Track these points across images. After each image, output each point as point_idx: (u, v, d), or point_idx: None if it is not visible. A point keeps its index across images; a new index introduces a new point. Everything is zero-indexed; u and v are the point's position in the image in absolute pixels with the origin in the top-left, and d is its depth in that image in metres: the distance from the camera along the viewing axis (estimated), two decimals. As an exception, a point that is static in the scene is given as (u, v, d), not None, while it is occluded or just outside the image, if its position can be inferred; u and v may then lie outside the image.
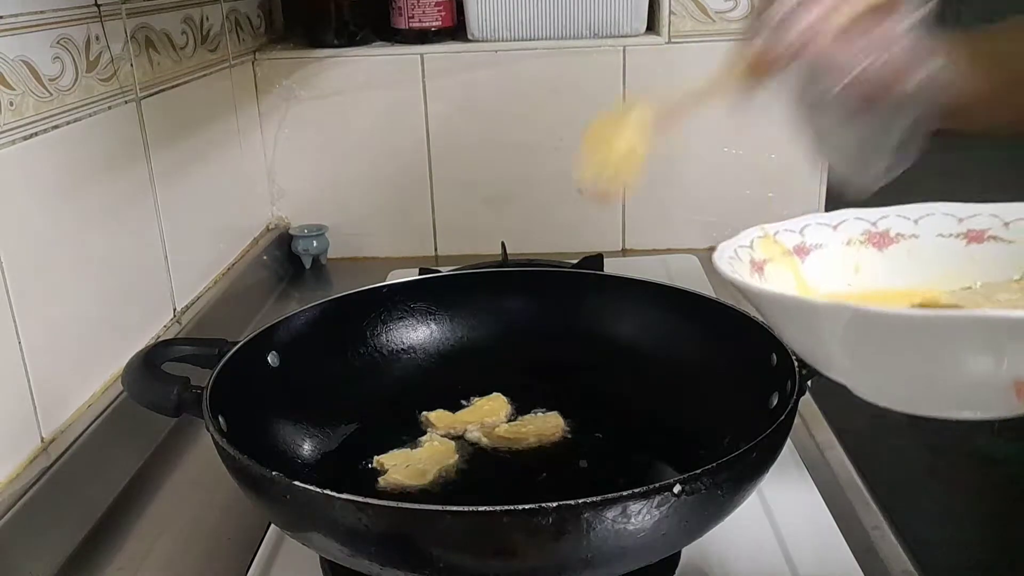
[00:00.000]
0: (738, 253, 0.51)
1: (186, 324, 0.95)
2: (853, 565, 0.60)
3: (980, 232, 0.52)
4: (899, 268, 0.54)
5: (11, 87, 0.68)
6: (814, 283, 0.53)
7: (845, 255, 0.54)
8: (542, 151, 1.24)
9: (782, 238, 0.54)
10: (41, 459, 0.69)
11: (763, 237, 0.53)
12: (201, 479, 0.78)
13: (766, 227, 0.54)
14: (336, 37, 1.23)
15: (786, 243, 0.54)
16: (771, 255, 0.52)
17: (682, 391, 0.70)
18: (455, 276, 0.84)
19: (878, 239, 0.55)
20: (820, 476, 0.71)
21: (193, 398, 0.59)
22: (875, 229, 0.55)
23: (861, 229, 0.55)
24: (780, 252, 0.53)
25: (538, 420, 0.71)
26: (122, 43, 0.85)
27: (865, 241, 0.55)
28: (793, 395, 0.56)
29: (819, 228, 0.55)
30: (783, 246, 0.53)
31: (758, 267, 0.51)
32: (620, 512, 0.46)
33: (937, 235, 0.54)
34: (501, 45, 1.21)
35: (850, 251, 0.55)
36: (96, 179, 0.80)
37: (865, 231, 0.55)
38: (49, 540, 0.67)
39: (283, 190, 1.28)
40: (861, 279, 0.54)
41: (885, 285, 0.54)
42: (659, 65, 1.20)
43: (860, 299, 0.52)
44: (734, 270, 0.48)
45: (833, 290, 0.53)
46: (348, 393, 0.72)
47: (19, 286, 0.67)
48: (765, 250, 0.52)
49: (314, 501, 0.49)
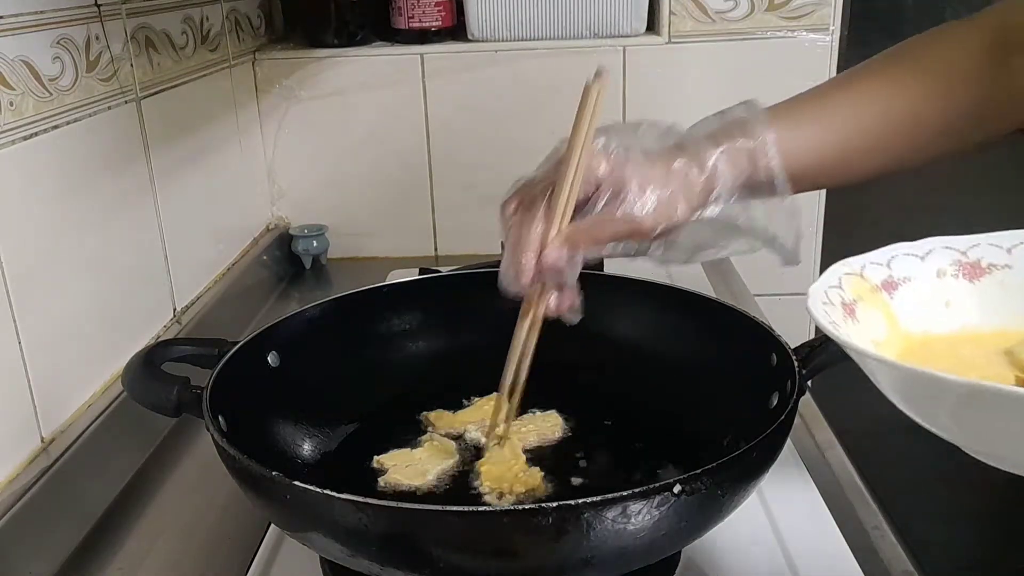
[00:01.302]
0: (829, 296, 0.49)
1: (186, 324, 0.95)
2: (853, 565, 0.60)
3: None
4: (992, 302, 0.51)
5: (11, 87, 0.68)
6: (905, 322, 0.51)
7: (935, 289, 0.52)
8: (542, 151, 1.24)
9: (869, 273, 0.52)
10: (41, 459, 0.69)
11: (850, 274, 0.51)
12: (201, 479, 0.78)
13: (851, 261, 0.52)
14: (336, 37, 1.23)
15: (873, 278, 0.52)
16: (860, 294, 0.50)
17: (682, 391, 0.70)
18: (455, 276, 0.84)
19: (969, 270, 0.52)
20: (820, 476, 0.71)
21: (193, 398, 0.59)
22: (966, 259, 0.52)
23: (951, 259, 0.52)
24: (868, 289, 0.51)
25: (538, 420, 0.71)
26: (122, 43, 0.85)
27: (956, 273, 0.52)
28: (793, 395, 0.56)
29: (906, 259, 0.52)
30: (870, 283, 0.51)
31: (849, 310, 0.49)
32: (620, 512, 0.46)
33: None
34: (501, 45, 1.21)
35: (940, 284, 0.52)
36: (96, 179, 0.80)
37: (955, 261, 0.52)
38: (49, 540, 0.67)
39: (283, 190, 1.28)
40: (953, 315, 0.51)
41: (978, 322, 0.51)
42: (659, 65, 1.20)
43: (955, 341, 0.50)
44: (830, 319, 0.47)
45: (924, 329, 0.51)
46: (348, 393, 0.72)
47: (19, 286, 0.67)
48: (854, 290, 0.51)
49: (314, 501, 0.49)
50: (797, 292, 1.30)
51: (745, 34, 1.19)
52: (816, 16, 1.19)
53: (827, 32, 1.19)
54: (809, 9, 1.18)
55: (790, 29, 1.19)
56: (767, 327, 0.65)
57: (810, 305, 0.47)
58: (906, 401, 0.43)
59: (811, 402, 0.84)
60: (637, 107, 1.21)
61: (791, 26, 1.19)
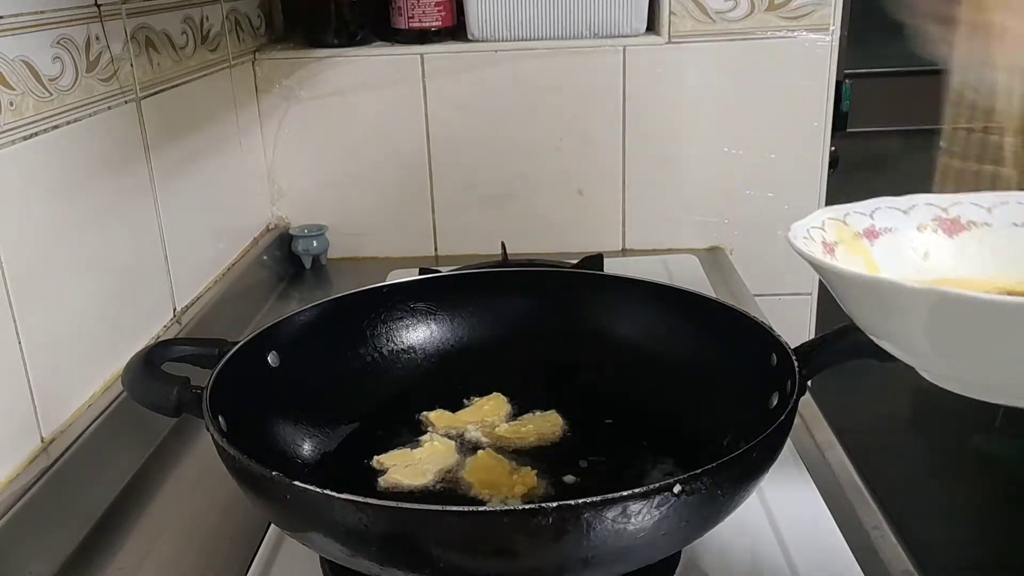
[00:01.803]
0: (811, 233, 0.51)
1: (186, 324, 0.95)
2: (853, 565, 0.60)
3: None
4: (969, 256, 0.53)
5: (11, 87, 0.68)
6: (883, 267, 0.53)
7: (915, 240, 0.54)
8: (542, 151, 1.24)
9: (852, 220, 0.53)
10: (41, 459, 0.69)
11: (834, 219, 0.53)
12: (201, 479, 0.78)
13: (835, 208, 0.54)
14: (336, 37, 1.23)
15: (856, 226, 0.53)
16: (842, 238, 0.52)
17: (682, 391, 0.70)
18: (455, 276, 0.84)
19: (949, 226, 0.54)
20: (820, 476, 0.71)
21: (193, 398, 0.59)
22: (946, 216, 0.54)
23: (932, 215, 0.54)
24: (850, 235, 0.53)
25: (538, 420, 0.71)
26: (122, 43, 0.85)
27: (936, 227, 0.54)
28: (793, 395, 0.56)
29: (889, 212, 0.54)
30: (853, 229, 0.53)
31: (829, 248, 0.51)
32: (620, 512, 0.46)
33: (1011, 224, 0.53)
34: (501, 45, 1.21)
35: (920, 237, 0.54)
36: (96, 179, 0.80)
37: (936, 217, 0.54)
38: (49, 540, 0.67)
39: (283, 190, 1.28)
40: (930, 266, 0.53)
41: (954, 273, 0.53)
42: (659, 65, 1.20)
43: None
44: (809, 250, 0.48)
45: (902, 276, 0.52)
46: (348, 393, 0.72)
47: (19, 286, 0.67)
48: (836, 233, 0.52)
49: (314, 501, 0.49)
50: (797, 292, 1.31)
51: (745, 34, 1.19)
52: (816, 16, 1.19)
53: (827, 32, 1.19)
54: (809, 9, 1.18)
55: (790, 29, 1.19)
56: (767, 327, 0.65)
57: (790, 236, 0.49)
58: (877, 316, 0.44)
59: (811, 402, 0.84)
60: (637, 107, 1.21)
61: (791, 26, 1.19)
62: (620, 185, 1.25)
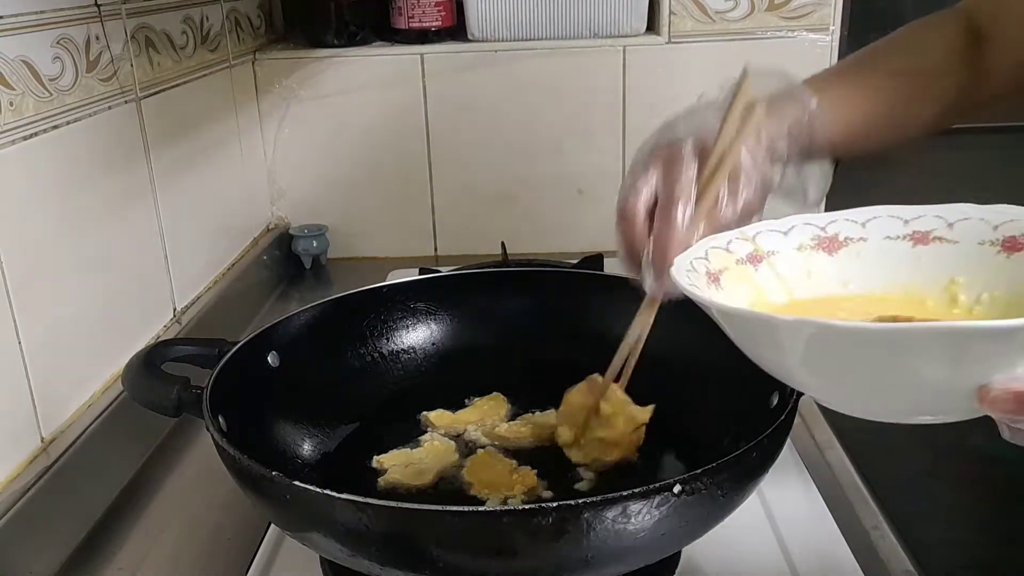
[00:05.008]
0: (694, 265, 0.51)
1: (186, 324, 0.95)
2: (853, 565, 0.60)
3: (925, 234, 0.52)
4: (850, 272, 0.54)
5: (11, 87, 0.68)
6: (769, 291, 0.53)
7: (797, 261, 0.54)
8: (542, 151, 1.24)
9: (734, 247, 0.54)
10: (41, 459, 0.69)
11: (716, 248, 0.53)
12: (201, 479, 0.78)
13: (718, 237, 0.54)
14: (336, 37, 1.23)
15: (739, 252, 0.54)
16: (726, 265, 0.52)
17: (682, 391, 0.70)
18: (455, 276, 0.84)
19: (828, 243, 0.54)
20: (820, 476, 0.71)
21: (193, 398, 0.59)
22: (824, 234, 0.55)
23: (811, 234, 0.55)
24: (734, 261, 0.53)
25: (538, 420, 0.71)
26: (122, 43, 0.85)
27: (815, 246, 0.55)
28: (793, 395, 0.56)
29: (770, 235, 0.55)
30: (736, 255, 0.53)
31: (714, 278, 0.52)
32: (620, 512, 0.46)
33: (884, 237, 0.54)
34: (501, 45, 1.21)
35: (801, 256, 0.55)
36: (96, 179, 0.80)
37: (815, 236, 0.55)
38: (49, 540, 0.67)
39: (283, 190, 1.28)
40: (813, 284, 0.54)
41: (837, 290, 0.54)
42: (659, 65, 1.21)
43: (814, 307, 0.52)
44: (691, 282, 0.49)
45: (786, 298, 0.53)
46: (348, 393, 0.72)
47: (19, 286, 0.67)
48: (720, 262, 0.52)
49: (314, 501, 0.49)
50: (797, 292, 1.30)
51: (745, 34, 1.19)
52: (816, 16, 1.19)
53: (827, 32, 1.19)
54: (809, 9, 1.18)
55: (790, 29, 1.19)
56: (767, 327, 0.65)
57: (673, 272, 0.49)
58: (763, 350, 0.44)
59: (811, 402, 0.84)
60: (637, 107, 1.21)
61: (791, 26, 1.19)
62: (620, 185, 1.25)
